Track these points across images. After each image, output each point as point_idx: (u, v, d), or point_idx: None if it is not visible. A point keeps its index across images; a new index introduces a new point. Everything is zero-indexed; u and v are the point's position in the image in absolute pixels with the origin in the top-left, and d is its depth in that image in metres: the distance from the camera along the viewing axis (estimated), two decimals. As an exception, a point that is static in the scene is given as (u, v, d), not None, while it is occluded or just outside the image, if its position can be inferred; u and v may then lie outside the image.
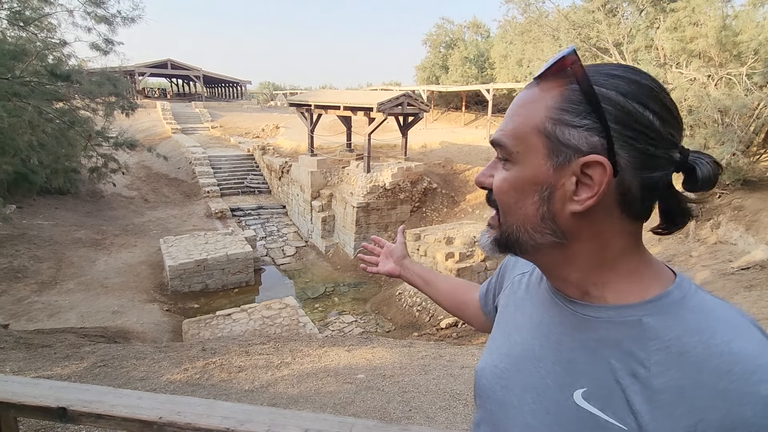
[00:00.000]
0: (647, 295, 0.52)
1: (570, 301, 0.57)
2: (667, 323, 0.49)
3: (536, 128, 0.51)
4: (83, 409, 1.22)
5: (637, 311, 0.51)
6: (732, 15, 9.42)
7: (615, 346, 0.51)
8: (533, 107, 0.52)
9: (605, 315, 0.53)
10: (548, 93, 0.51)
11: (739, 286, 6.38)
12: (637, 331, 0.50)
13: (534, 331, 0.61)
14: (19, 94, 6.42)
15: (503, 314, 0.71)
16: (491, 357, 0.66)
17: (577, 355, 0.54)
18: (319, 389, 3.32)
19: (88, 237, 11.70)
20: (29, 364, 3.74)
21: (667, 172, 0.50)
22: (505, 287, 0.75)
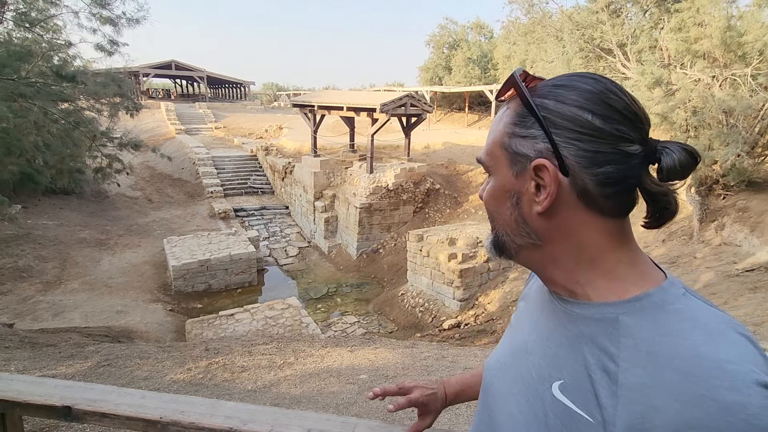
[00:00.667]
0: (627, 294, 0.53)
1: (561, 299, 0.60)
2: (642, 323, 0.50)
3: (499, 143, 0.59)
4: (88, 407, 1.23)
5: (615, 309, 0.53)
6: (737, 15, 9.37)
7: (591, 342, 0.53)
8: (498, 126, 0.60)
9: (587, 312, 0.55)
10: (508, 111, 0.59)
11: (743, 288, 6.33)
12: (612, 328, 0.52)
13: (531, 328, 0.65)
14: (24, 94, 6.46)
15: (516, 314, 0.75)
16: (498, 352, 0.71)
17: (560, 349, 0.57)
18: (321, 389, 3.33)
19: (93, 237, 11.76)
20: (34, 363, 3.76)
21: (624, 166, 0.52)
22: (524, 290, 0.79)
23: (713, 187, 8.98)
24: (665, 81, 9.18)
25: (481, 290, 9.12)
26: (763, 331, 4.47)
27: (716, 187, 8.97)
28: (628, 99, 0.53)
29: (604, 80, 0.54)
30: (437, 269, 9.36)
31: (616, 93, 0.53)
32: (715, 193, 9.02)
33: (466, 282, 9.00)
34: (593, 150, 0.52)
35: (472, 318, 8.51)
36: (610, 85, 0.54)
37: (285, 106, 36.91)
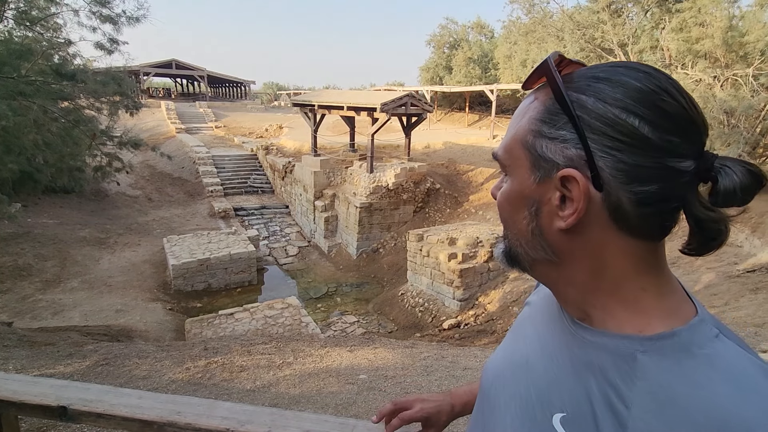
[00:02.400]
0: (650, 330, 0.47)
1: (571, 319, 0.54)
2: (663, 366, 0.44)
3: (521, 141, 0.50)
4: (83, 408, 1.22)
5: (633, 345, 0.46)
6: (738, 15, 9.36)
7: (600, 374, 0.47)
8: (522, 120, 0.51)
9: (599, 340, 0.49)
10: (535, 103, 0.50)
11: (744, 289, 6.32)
12: (627, 365, 0.45)
13: (534, 341, 0.60)
14: (24, 93, 6.45)
15: (519, 320, 0.70)
16: (496, 358, 0.67)
17: (563, 374, 0.51)
18: (320, 389, 3.32)
19: (93, 236, 11.75)
20: (32, 362, 3.75)
21: (670, 185, 0.44)
22: (531, 295, 0.74)
23: (714, 187, 8.98)
24: (666, 81, 9.15)
25: (481, 290, 9.11)
26: (764, 332, 4.46)
27: (717, 188, 8.96)
28: (685, 101, 0.44)
29: (657, 75, 0.45)
30: (437, 269, 9.35)
31: (672, 93, 0.44)
32: (716, 193, 9.01)
33: (466, 282, 8.99)
34: (635, 163, 0.43)
35: (472, 318, 8.50)
36: (664, 81, 0.45)
37: (285, 106, 36.92)
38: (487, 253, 9.11)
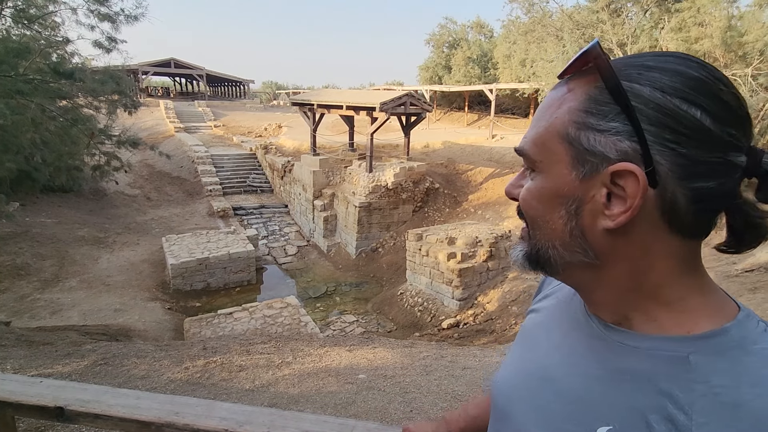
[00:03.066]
0: (698, 329, 0.44)
1: (604, 324, 0.50)
2: (721, 366, 0.41)
3: (559, 134, 0.46)
4: (81, 408, 1.21)
5: (683, 346, 0.43)
6: (737, 15, 9.38)
7: (648, 383, 0.43)
8: (557, 110, 0.47)
9: (643, 345, 0.46)
10: (573, 93, 0.46)
11: (743, 289, 6.33)
12: (680, 369, 0.42)
13: (552, 349, 0.56)
14: (22, 91, 6.42)
15: (527, 326, 0.66)
16: (506, 369, 0.63)
17: (598, 384, 0.47)
18: (320, 389, 3.31)
19: (91, 235, 11.72)
20: (30, 361, 3.73)
21: (726, 180, 0.42)
22: (537, 299, 0.70)
23: (713, 187, 9.00)
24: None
25: (480, 290, 9.11)
26: (762, 331, 4.46)
27: (716, 188, 8.98)
28: (738, 93, 0.43)
29: (707, 65, 0.43)
30: (436, 268, 9.35)
31: (726, 84, 0.42)
32: (715, 193, 9.03)
33: (465, 281, 8.99)
34: (696, 157, 0.41)
35: (471, 317, 8.50)
36: (716, 72, 0.43)
37: (284, 105, 36.88)
38: (486, 252, 9.11)
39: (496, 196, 13.41)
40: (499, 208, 12.81)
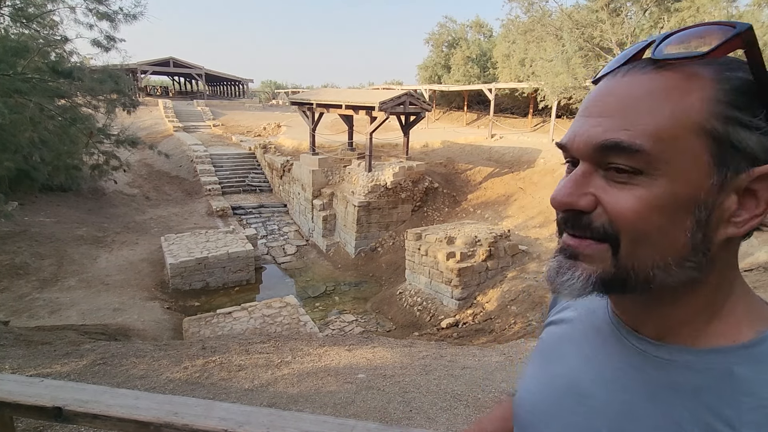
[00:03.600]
0: (741, 337, 0.42)
1: (639, 338, 0.48)
2: (766, 377, 0.40)
3: (695, 128, 0.39)
4: (79, 409, 1.21)
5: (728, 358, 0.42)
6: (737, 15, 9.37)
7: (692, 397, 0.42)
8: (681, 100, 0.40)
9: (683, 359, 0.44)
10: (701, 82, 0.40)
11: (742, 288, 6.35)
12: (725, 382, 0.41)
13: (582, 364, 0.53)
14: (20, 90, 6.40)
15: (547, 339, 0.62)
16: (529, 385, 0.59)
17: (637, 400, 0.45)
18: (319, 389, 3.30)
19: (90, 234, 11.70)
20: (29, 361, 3.73)
21: None
22: (553, 313, 0.67)
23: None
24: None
25: (480, 289, 9.11)
26: (761, 331, 4.47)
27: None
28: None
29: None
30: (435, 268, 9.35)
31: None
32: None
33: (465, 281, 8.99)
34: None
35: (471, 317, 8.50)
36: None
37: (283, 104, 36.84)
38: (485, 252, 9.11)
39: (495, 196, 13.42)
40: (499, 208, 12.82)
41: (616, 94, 0.43)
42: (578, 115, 0.46)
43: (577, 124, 0.45)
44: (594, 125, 0.43)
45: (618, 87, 0.43)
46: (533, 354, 0.64)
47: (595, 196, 0.43)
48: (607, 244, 0.43)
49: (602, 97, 0.44)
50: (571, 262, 0.45)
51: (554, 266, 0.46)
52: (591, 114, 0.44)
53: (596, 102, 0.44)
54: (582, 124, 0.44)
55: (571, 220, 0.45)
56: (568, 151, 0.46)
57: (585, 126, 0.44)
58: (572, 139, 0.45)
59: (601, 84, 0.46)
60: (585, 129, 0.44)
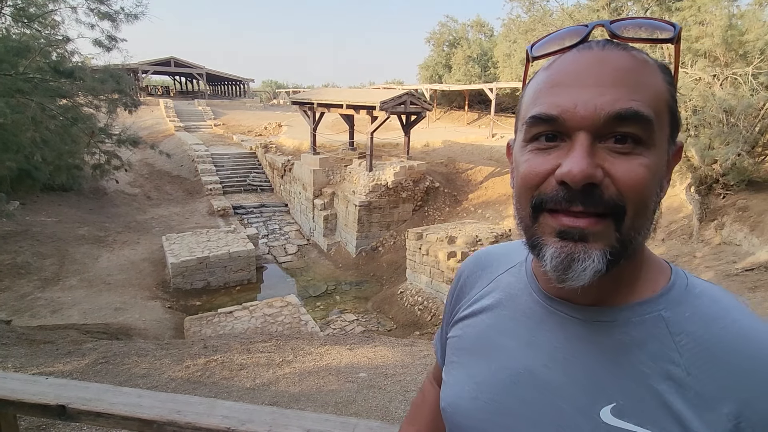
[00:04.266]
0: (658, 287, 0.48)
1: (575, 308, 0.50)
2: (684, 314, 0.45)
3: (667, 104, 0.45)
4: (82, 407, 1.21)
5: (654, 306, 0.47)
6: (738, 14, 9.34)
7: (640, 349, 0.45)
8: (652, 78, 0.44)
9: (621, 317, 0.47)
10: (654, 65, 0.45)
11: (743, 288, 6.33)
12: (659, 328, 0.45)
13: (527, 351, 0.52)
14: (22, 90, 6.42)
15: (468, 337, 0.60)
16: (465, 389, 0.56)
17: (595, 368, 0.47)
18: (320, 388, 3.31)
19: (91, 234, 11.72)
20: (31, 360, 3.74)
21: None
22: (463, 307, 0.64)
23: (713, 186, 8.98)
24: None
25: (481, 289, 9.11)
26: (763, 330, 4.47)
27: (716, 187, 8.96)
28: None
29: None
30: (436, 267, 9.35)
31: None
32: (715, 192, 9.01)
33: (466, 280, 8.99)
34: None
35: (472, 316, 8.50)
36: None
37: (284, 104, 36.84)
38: (486, 251, 9.11)
39: (496, 195, 13.41)
40: (499, 207, 12.81)
41: (610, 65, 0.44)
42: (560, 86, 0.45)
43: (568, 95, 0.44)
44: (597, 94, 0.42)
45: (606, 59, 0.44)
46: (452, 356, 0.61)
47: (602, 169, 0.43)
48: (611, 218, 0.43)
49: (592, 67, 0.44)
50: (583, 244, 0.43)
51: (562, 255, 0.44)
52: (585, 84, 0.43)
53: (586, 72, 0.44)
54: (578, 94, 0.43)
55: (581, 195, 0.43)
56: (559, 124, 0.44)
57: (584, 96, 0.43)
58: (570, 111, 0.43)
59: (573, 57, 0.46)
60: (588, 98, 0.43)
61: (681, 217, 9.59)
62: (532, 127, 0.46)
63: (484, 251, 0.69)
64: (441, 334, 0.73)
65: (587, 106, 0.42)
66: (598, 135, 0.43)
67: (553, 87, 0.45)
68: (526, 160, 0.47)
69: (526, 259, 0.61)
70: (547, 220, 0.45)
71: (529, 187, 0.46)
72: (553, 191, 0.44)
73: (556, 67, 0.47)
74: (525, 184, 0.47)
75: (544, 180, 0.45)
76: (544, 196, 0.45)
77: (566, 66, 0.46)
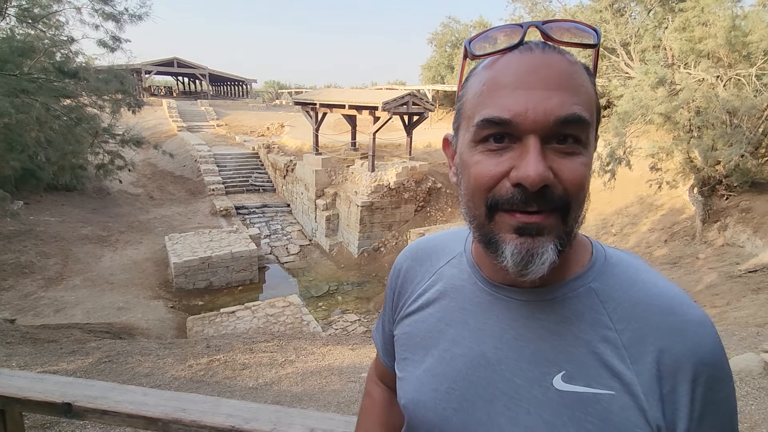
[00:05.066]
0: (585, 262, 0.54)
1: (518, 291, 0.54)
2: (609, 283, 0.52)
3: (595, 104, 0.49)
4: (88, 405, 1.22)
5: (584, 280, 0.52)
6: (741, 15, 9.31)
7: (580, 320, 0.51)
8: (582, 80, 0.48)
9: (559, 294, 0.52)
10: (580, 68, 0.49)
11: (746, 289, 6.31)
12: (592, 299, 0.51)
13: (477, 337, 0.55)
14: (26, 90, 6.45)
15: (417, 332, 0.61)
16: (423, 382, 0.58)
17: (542, 343, 0.51)
18: (323, 387, 3.32)
19: (94, 233, 11.77)
20: (35, 359, 3.76)
21: None
22: (408, 302, 0.65)
23: (716, 187, 8.95)
24: (669, 80, 9.13)
25: (483, 289, 9.10)
26: (766, 332, 4.45)
27: (719, 188, 8.94)
28: None
29: None
30: (438, 268, 9.35)
31: None
32: (718, 193, 8.98)
33: (468, 281, 8.99)
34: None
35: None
36: None
37: (287, 104, 36.89)
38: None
39: (498, 196, 13.38)
40: (502, 208, 12.78)
41: (554, 68, 0.46)
42: (509, 88, 0.46)
43: (519, 97, 0.45)
44: (546, 98, 0.45)
45: (550, 62, 0.47)
46: (404, 352, 0.62)
47: (551, 168, 0.46)
48: (558, 213, 0.47)
49: (539, 70, 0.46)
50: (540, 238, 0.47)
51: (523, 251, 0.47)
52: (534, 87, 0.45)
53: (534, 75, 0.46)
54: (528, 97, 0.45)
55: (535, 197, 0.46)
56: (512, 126, 0.45)
57: (534, 99, 0.45)
58: (522, 114, 0.45)
59: (518, 59, 0.47)
60: (537, 102, 0.45)
61: (684, 218, 9.56)
62: (482, 129, 0.47)
63: (420, 243, 0.72)
64: (382, 330, 0.74)
65: (538, 110, 0.45)
66: (546, 137, 0.45)
67: (500, 89, 0.47)
68: (478, 161, 0.48)
69: (464, 249, 0.64)
70: (503, 218, 0.48)
71: (483, 189, 0.48)
72: (509, 193, 0.46)
73: (499, 68, 0.48)
74: (479, 185, 0.49)
75: (498, 182, 0.47)
76: (499, 198, 0.47)
77: (511, 67, 0.47)
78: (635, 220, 10.59)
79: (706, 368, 0.46)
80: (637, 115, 9.20)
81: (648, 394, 0.46)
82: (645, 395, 0.46)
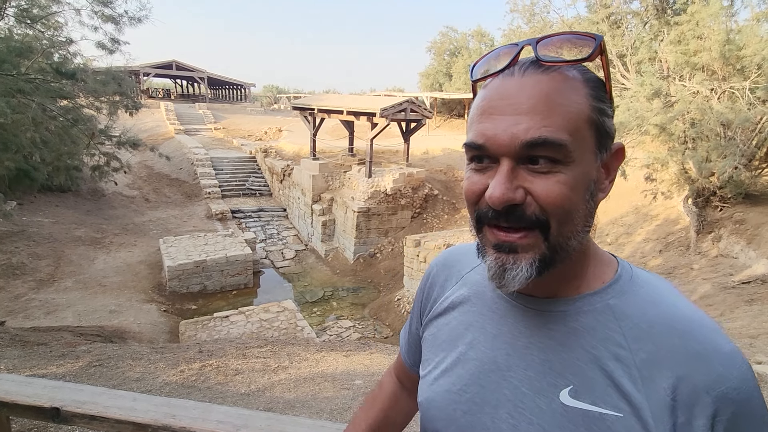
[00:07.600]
0: (606, 279, 0.54)
1: (534, 300, 0.55)
2: (629, 302, 0.51)
3: (588, 120, 0.48)
4: (77, 409, 1.20)
5: (602, 297, 0.52)
6: (736, 29, 9.44)
7: (591, 335, 0.50)
8: (574, 96, 0.48)
9: (573, 307, 0.52)
10: (580, 82, 0.49)
11: (739, 300, 6.34)
12: (607, 315, 0.51)
13: (492, 342, 0.57)
14: (23, 90, 6.42)
15: (441, 334, 0.64)
16: (440, 383, 0.60)
17: (552, 354, 0.52)
18: (316, 394, 3.29)
19: (88, 235, 11.68)
20: (24, 362, 3.70)
21: None
22: (436, 306, 0.68)
23: (710, 198, 9.02)
24: (664, 92, 9.23)
25: (478, 297, 9.10)
26: (759, 343, 4.47)
27: (713, 199, 9.00)
28: None
29: None
30: (434, 275, 9.34)
31: None
32: (712, 204, 9.05)
33: (463, 288, 8.98)
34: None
35: (468, 325, 8.48)
36: None
37: (285, 109, 36.94)
38: (484, 259, 9.11)
39: (494, 204, 13.41)
40: (498, 216, 12.81)
41: (526, 93, 0.48)
42: (486, 114, 0.50)
43: (492, 123, 0.49)
44: (513, 123, 0.47)
45: (524, 86, 0.48)
46: (428, 353, 0.65)
47: (524, 188, 0.48)
48: (538, 230, 0.49)
49: (511, 96, 0.48)
50: (513, 255, 0.50)
51: (497, 265, 0.50)
52: (505, 113, 0.48)
53: (505, 101, 0.48)
54: (499, 122, 0.48)
55: (504, 214, 0.49)
56: (485, 150, 0.49)
57: (503, 125, 0.48)
58: (492, 138, 0.48)
59: (499, 84, 0.50)
60: (505, 127, 0.48)
61: (678, 228, 9.62)
62: (467, 151, 0.52)
63: (451, 250, 0.75)
64: (409, 331, 0.78)
65: (505, 136, 0.47)
66: (518, 158, 0.48)
67: (480, 114, 0.51)
68: (468, 177, 0.53)
69: None
70: (487, 233, 0.52)
71: (470, 203, 0.53)
72: (486, 209, 0.50)
73: (485, 94, 0.51)
74: (467, 199, 0.53)
75: (480, 198, 0.51)
76: (480, 213, 0.51)
77: (492, 93, 0.50)
78: (630, 230, 10.64)
79: (730, 405, 0.43)
80: (632, 125, 9.28)
81: (658, 422, 0.45)
82: (655, 422, 0.45)
